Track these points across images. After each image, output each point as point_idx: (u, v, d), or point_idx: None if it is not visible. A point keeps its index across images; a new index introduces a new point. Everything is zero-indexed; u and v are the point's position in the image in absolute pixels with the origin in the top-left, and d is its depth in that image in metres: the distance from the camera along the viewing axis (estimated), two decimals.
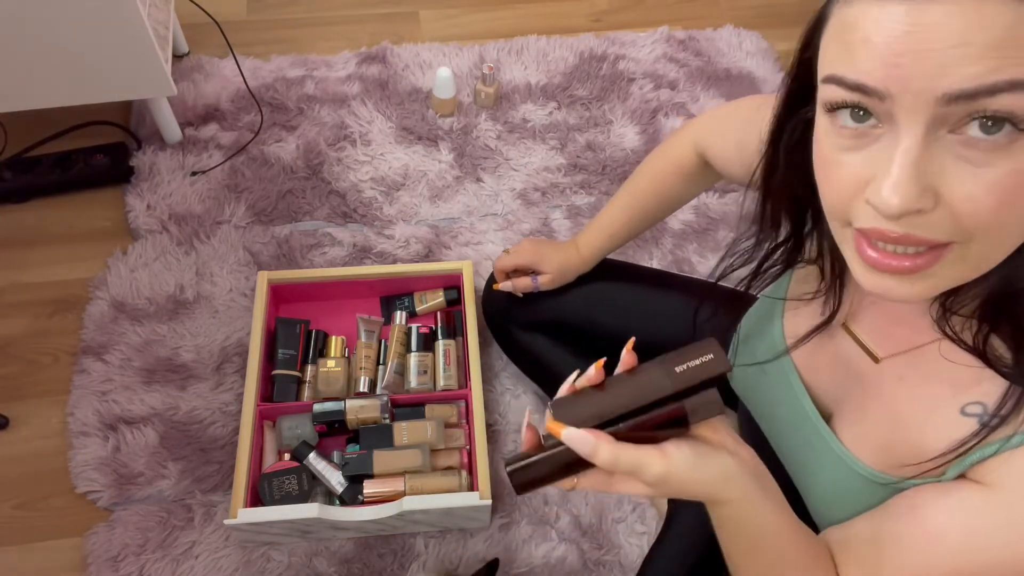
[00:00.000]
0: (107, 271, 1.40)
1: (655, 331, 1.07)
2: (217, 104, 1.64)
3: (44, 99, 1.38)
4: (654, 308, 1.08)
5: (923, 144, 0.44)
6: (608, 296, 1.10)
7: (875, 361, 0.65)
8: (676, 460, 0.54)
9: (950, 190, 0.45)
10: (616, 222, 1.06)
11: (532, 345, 1.16)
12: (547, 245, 1.11)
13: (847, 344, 0.67)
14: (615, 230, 1.06)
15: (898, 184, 0.45)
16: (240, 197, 1.50)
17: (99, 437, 1.22)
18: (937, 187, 0.45)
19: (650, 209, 1.03)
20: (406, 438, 1.16)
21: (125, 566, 1.12)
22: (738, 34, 1.86)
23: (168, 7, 1.52)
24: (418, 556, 1.14)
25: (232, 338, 1.33)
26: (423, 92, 1.69)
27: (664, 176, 0.99)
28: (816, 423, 0.69)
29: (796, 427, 0.72)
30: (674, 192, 1.00)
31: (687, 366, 0.54)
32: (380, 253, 1.45)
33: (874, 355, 0.65)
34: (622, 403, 0.54)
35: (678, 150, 0.96)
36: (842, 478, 0.66)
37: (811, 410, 0.70)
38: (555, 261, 1.09)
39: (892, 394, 0.63)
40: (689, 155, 0.94)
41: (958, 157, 0.45)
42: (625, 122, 1.66)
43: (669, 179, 0.99)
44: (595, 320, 1.10)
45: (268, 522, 1.05)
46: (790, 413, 0.73)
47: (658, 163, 1.00)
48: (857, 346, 0.66)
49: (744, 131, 0.80)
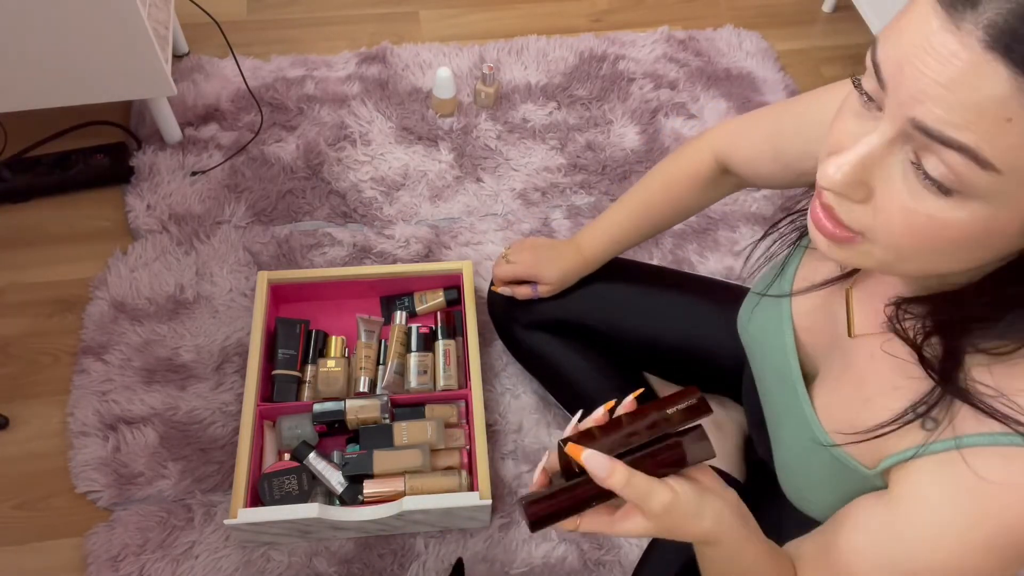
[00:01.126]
0: (107, 271, 1.40)
1: (661, 329, 1.08)
2: (217, 104, 1.64)
3: (44, 99, 1.38)
4: (658, 306, 1.08)
5: (886, 146, 0.47)
6: (612, 294, 1.10)
7: (848, 335, 0.67)
8: (680, 493, 0.58)
9: (881, 194, 0.48)
10: (623, 226, 1.04)
11: (537, 345, 1.15)
12: (546, 251, 1.10)
13: (842, 311, 0.69)
14: (621, 234, 1.04)
15: (842, 165, 0.49)
16: (240, 197, 1.50)
17: (99, 437, 1.22)
18: (874, 187, 0.49)
19: (659, 215, 1.01)
20: (406, 438, 1.16)
21: (125, 566, 1.12)
22: (738, 34, 1.86)
23: (168, 7, 1.52)
24: (418, 556, 1.14)
25: (232, 338, 1.33)
26: (423, 92, 1.69)
27: (678, 182, 0.98)
28: (796, 383, 0.71)
29: (780, 383, 0.74)
30: (686, 199, 0.98)
31: (676, 408, 0.60)
32: (380, 253, 1.45)
33: (851, 327, 0.67)
34: (625, 440, 0.59)
35: (694, 157, 0.95)
36: (804, 441, 0.69)
37: (795, 368, 0.72)
38: (555, 270, 1.08)
39: (863, 370, 0.64)
40: (707, 162, 0.93)
41: (904, 174, 0.47)
42: (625, 122, 1.66)
43: (683, 185, 0.97)
44: (600, 318, 1.09)
45: (268, 522, 1.05)
46: (779, 368, 0.75)
47: (671, 169, 0.99)
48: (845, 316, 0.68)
49: (778, 123, 0.81)
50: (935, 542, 0.54)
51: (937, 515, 0.54)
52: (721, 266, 1.46)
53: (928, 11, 0.43)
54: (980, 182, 0.43)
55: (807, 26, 1.94)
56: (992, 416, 0.52)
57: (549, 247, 1.10)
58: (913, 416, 0.56)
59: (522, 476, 1.22)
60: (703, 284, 1.11)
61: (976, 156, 0.42)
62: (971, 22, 0.41)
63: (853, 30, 1.89)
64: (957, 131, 0.42)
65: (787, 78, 1.78)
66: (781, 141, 0.81)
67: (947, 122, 0.43)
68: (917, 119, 0.44)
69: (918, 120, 0.44)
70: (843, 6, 1.95)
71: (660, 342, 1.08)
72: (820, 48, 1.88)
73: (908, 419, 0.56)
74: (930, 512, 0.55)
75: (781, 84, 1.76)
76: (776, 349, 0.75)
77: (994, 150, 0.42)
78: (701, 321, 1.06)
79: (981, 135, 0.42)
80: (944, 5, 0.42)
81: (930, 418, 0.56)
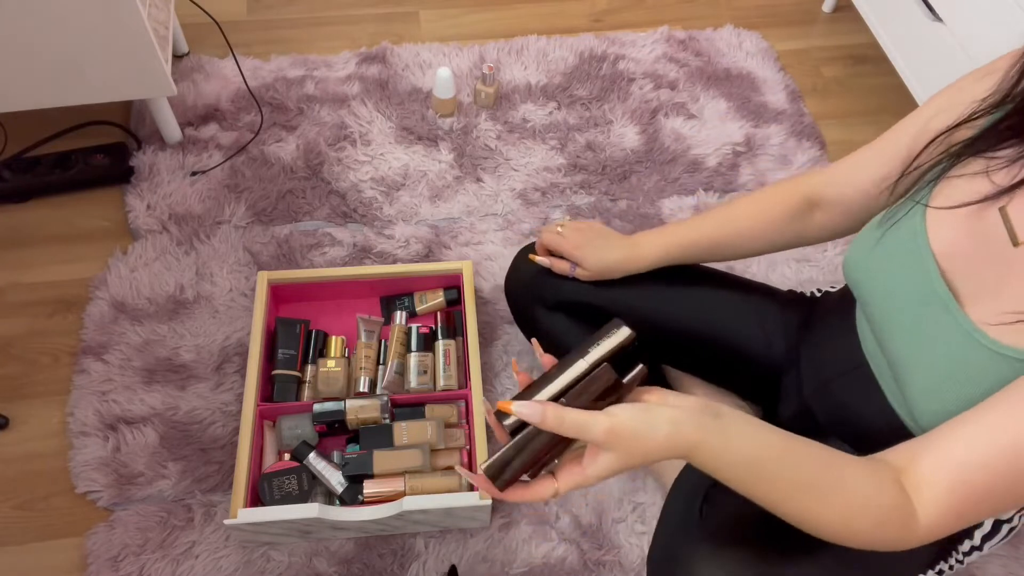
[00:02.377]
0: (107, 271, 1.40)
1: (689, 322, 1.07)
2: (217, 104, 1.64)
3: (44, 99, 1.38)
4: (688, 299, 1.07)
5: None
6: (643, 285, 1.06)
7: (1014, 245, 0.68)
8: (620, 415, 0.61)
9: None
10: (686, 238, 1.01)
11: (555, 327, 1.11)
12: (598, 238, 1.06)
13: (995, 226, 0.70)
14: (688, 242, 1.02)
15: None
16: (240, 197, 1.50)
17: (99, 437, 1.22)
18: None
19: (745, 234, 1.00)
20: (406, 438, 1.16)
21: (125, 566, 1.12)
22: (738, 34, 1.86)
23: (168, 7, 1.52)
24: (418, 556, 1.14)
25: (232, 338, 1.33)
26: (423, 92, 1.69)
27: (769, 205, 0.98)
28: (946, 300, 0.72)
29: (921, 305, 0.74)
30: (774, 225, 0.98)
31: (599, 344, 0.63)
32: (380, 253, 1.45)
33: (1015, 237, 0.67)
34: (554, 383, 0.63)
35: (783, 191, 0.98)
36: (964, 352, 0.69)
37: (941, 288, 0.73)
38: (598, 260, 1.04)
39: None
40: (795, 197, 0.96)
41: None
42: (625, 122, 1.66)
43: (775, 210, 0.97)
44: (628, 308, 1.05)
45: (268, 522, 1.05)
46: (916, 292, 0.75)
47: (760, 195, 1.00)
48: (1004, 228, 0.69)
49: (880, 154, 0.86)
50: None
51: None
52: (721, 266, 1.45)
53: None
54: None
55: (807, 26, 1.94)
56: None
57: (603, 235, 1.06)
58: None
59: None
60: (729, 279, 1.11)
61: None
62: None
63: (853, 30, 1.89)
64: None
65: (787, 78, 1.78)
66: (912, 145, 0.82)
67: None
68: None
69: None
70: (843, 6, 1.95)
71: (688, 335, 1.07)
72: (820, 48, 1.88)
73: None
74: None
75: (781, 84, 1.76)
76: (913, 276, 0.76)
77: None
78: (729, 314, 1.06)
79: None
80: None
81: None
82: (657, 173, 1.59)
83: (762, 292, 1.09)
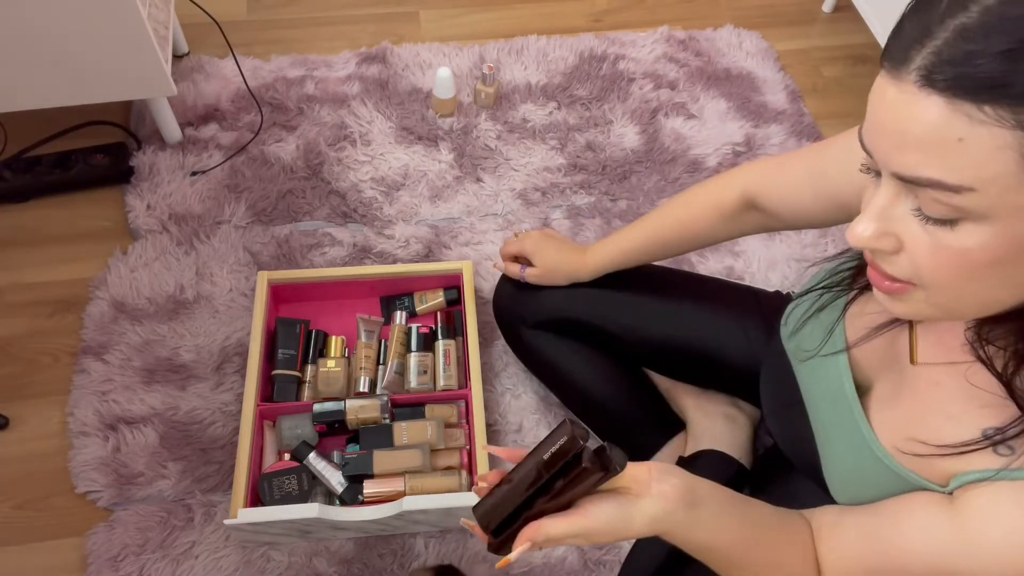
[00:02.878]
0: (107, 271, 1.40)
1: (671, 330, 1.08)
2: (217, 104, 1.64)
3: (44, 99, 1.38)
4: (667, 306, 1.08)
5: (892, 198, 0.53)
6: (620, 295, 1.09)
7: (912, 362, 0.68)
8: (597, 516, 0.63)
9: (908, 242, 0.53)
10: (632, 243, 1.04)
11: (542, 346, 1.16)
12: (552, 241, 1.11)
13: (903, 337, 0.71)
14: (629, 250, 1.05)
15: (861, 222, 0.54)
16: (240, 197, 1.50)
17: (99, 437, 1.22)
18: (899, 235, 0.53)
19: (671, 238, 1.01)
20: (406, 438, 1.16)
21: (125, 566, 1.12)
22: (738, 34, 1.86)
23: (168, 7, 1.52)
24: (418, 556, 1.14)
25: (232, 338, 1.33)
26: (423, 92, 1.69)
27: (698, 209, 0.98)
28: (851, 401, 0.73)
29: (832, 400, 0.75)
30: (701, 228, 0.98)
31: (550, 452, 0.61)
32: (380, 253, 1.45)
33: (914, 356, 0.68)
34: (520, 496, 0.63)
35: (721, 189, 0.96)
36: (861, 456, 0.70)
37: (849, 389, 0.74)
38: (550, 259, 1.09)
39: (926, 396, 0.66)
40: (731, 197, 0.94)
41: (917, 220, 0.52)
42: (625, 122, 1.66)
43: (703, 214, 0.97)
44: (608, 319, 1.09)
45: (268, 522, 1.05)
46: (829, 385, 0.76)
47: (693, 198, 0.99)
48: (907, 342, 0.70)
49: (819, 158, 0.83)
50: (1010, 560, 0.56)
51: (1017, 537, 0.56)
52: (721, 266, 1.46)
53: (883, 83, 0.51)
54: (968, 204, 0.48)
55: (807, 26, 1.94)
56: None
57: (558, 239, 1.12)
58: (1000, 437, 0.58)
59: None
60: (711, 285, 1.12)
61: (944, 185, 0.48)
62: (906, 72, 0.48)
63: (853, 30, 1.89)
64: (923, 169, 0.48)
65: (787, 78, 1.78)
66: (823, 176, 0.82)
67: (914, 165, 0.49)
68: (896, 172, 0.51)
69: (897, 172, 0.50)
70: (843, 6, 1.95)
71: (669, 343, 1.08)
72: (820, 48, 1.88)
73: (994, 441, 0.58)
74: (1010, 534, 0.56)
75: (781, 84, 1.76)
76: (827, 365, 0.76)
77: (957, 173, 0.47)
78: (710, 322, 1.06)
79: (942, 164, 0.48)
80: (888, 70, 0.50)
81: (1007, 444, 0.58)
82: (657, 173, 1.59)
83: (745, 297, 1.09)
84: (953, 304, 0.55)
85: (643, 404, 1.17)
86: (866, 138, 0.53)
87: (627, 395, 1.16)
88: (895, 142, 0.50)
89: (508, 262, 1.14)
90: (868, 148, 0.53)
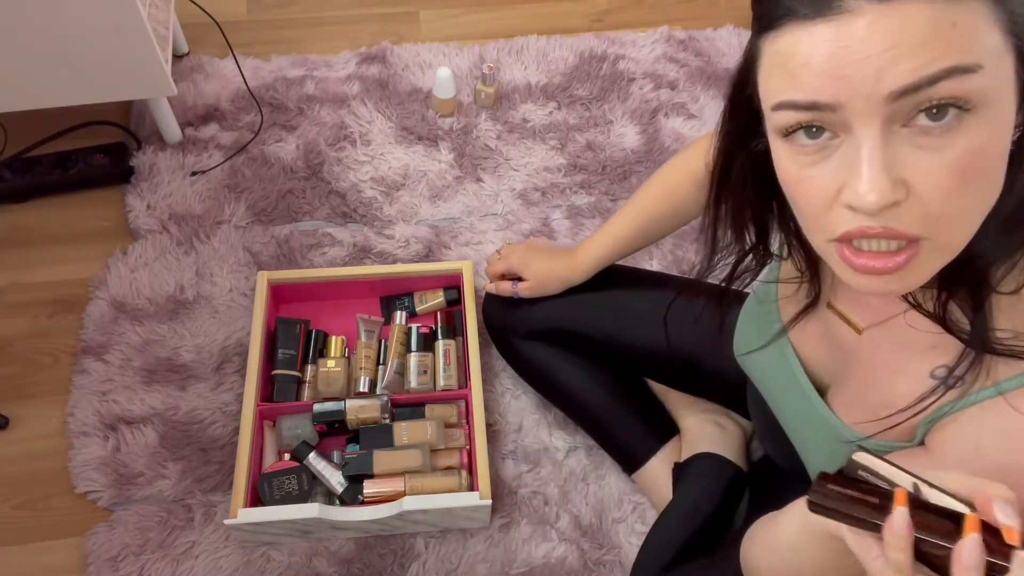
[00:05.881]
0: (107, 271, 1.40)
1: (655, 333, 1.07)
2: (217, 104, 1.64)
3: (44, 99, 1.38)
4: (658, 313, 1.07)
5: (883, 141, 0.48)
6: (610, 302, 1.10)
7: (858, 332, 0.68)
8: None
9: (916, 178, 0.48)
10: (622, 227, 1.04)
11: (535, 356, 1.17)
12: (539, 252, 1.11)
13: (834, 321, 0.71)
14: (619, 242, 1.04)
15: (871, 180, 0.48)
16: (240, 197, 1.50)
17: (99, 437, 1.22)
18: (905, 177, 0.49)
19: (659, 217, 1.01)
20: (406, 438, 1.16)
21: (125, 566, 1.12)
22: (738, 34, 1.86)
23: (168, 7, 1.52)
24: (418, 556, 1.14)
25: (232, 338, 1.33)
26: (423, 92, 1.69)
27: (677, 184, 0.98)
28: (808, 393, 0.73)
29: (794, 400, 0.76)
30: (686, 201, 0.98)
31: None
32: (380, 253, 1.45)
33: (856, 327, 0.68)
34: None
35: (692, 160, 0.96)
36: (832, 445, 0.70)
37: (804, 383, 0.74)
38: (540, 270, 1.08)
39: (870, 361, 0.66)
40: (701, 164, 0.93)
41: (917, 146, 0.48)
42: (625, 122, 1.66)
43: (682, 187, 0.97)
44: (599, 327, 1.10)
45: (268, 522, 1.05)
46: (789, 387, 0.76)
47: (671, 173, 0.99)
48: (842, 322, 0.70)
49: None
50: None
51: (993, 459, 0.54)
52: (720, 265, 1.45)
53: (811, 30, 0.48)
54: (979, 86, 0.46)
55: None
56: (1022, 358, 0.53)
57: (544, 249, 1.11)
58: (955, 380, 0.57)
59: (522, 476, 1.22)
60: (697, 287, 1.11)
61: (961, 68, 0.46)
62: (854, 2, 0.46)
63: None
64: (936, 64, 0.46)
65: None
66: None
67: (923, 66, 0.46)
68: (894, 89, 0.46)
69: (895, 89, 0.46)
70: None
71: (660, 350, 1.08)
72: None
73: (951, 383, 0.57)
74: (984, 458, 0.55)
75: None
76: (783, 375, 0.77)
77: (967, 53, 0.46)
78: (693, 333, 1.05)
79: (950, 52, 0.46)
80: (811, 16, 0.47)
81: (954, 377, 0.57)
82: None
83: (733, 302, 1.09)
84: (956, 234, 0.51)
85: (637, 410, 1.17)
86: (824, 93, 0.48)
87: (620, 401, 1.15)
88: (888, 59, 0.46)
89: (498, 282, 1.14)
90: (830, 102, 0.48)
